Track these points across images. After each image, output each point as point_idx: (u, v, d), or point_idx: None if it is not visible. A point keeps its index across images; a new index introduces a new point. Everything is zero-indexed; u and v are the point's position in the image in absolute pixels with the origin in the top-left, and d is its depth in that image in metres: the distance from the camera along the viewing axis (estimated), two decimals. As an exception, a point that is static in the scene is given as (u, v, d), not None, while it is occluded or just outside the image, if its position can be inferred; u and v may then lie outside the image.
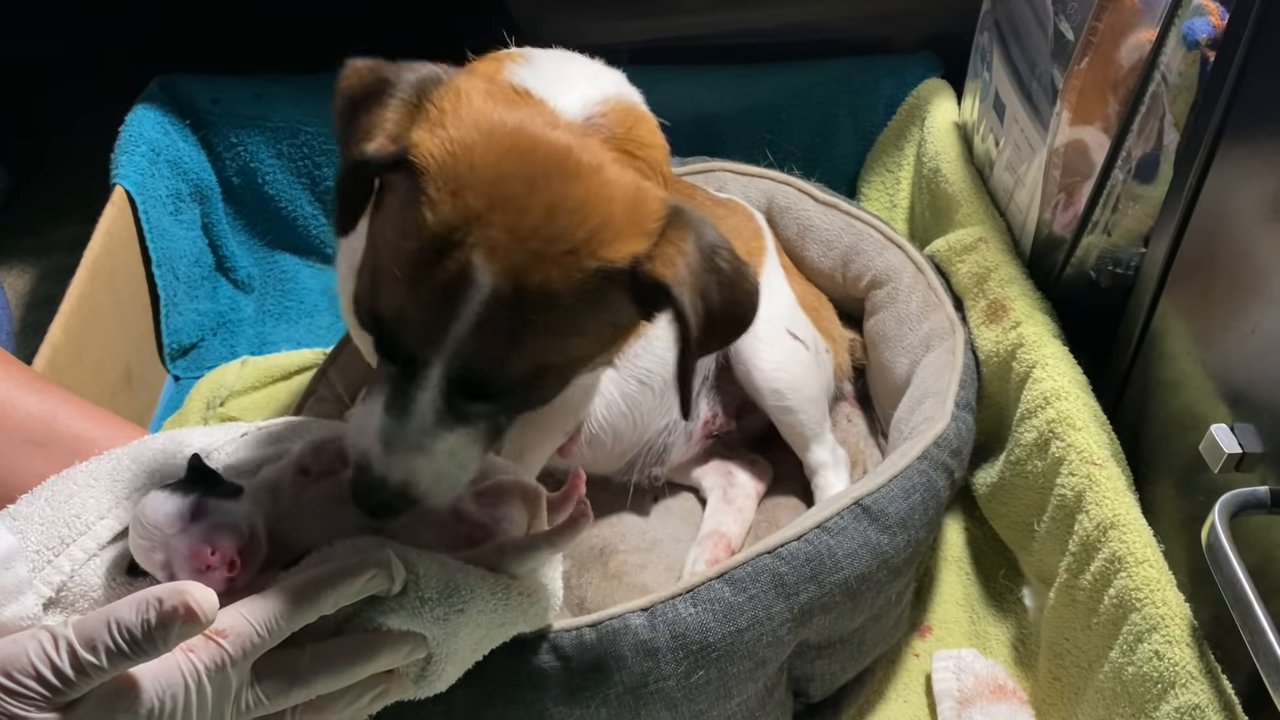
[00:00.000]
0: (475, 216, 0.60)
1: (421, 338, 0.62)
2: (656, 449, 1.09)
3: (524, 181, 0.60)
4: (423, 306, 0.61)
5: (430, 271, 0.60)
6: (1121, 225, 1.01)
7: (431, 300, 0.61)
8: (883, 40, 1.51)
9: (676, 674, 0.80)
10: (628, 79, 0.78)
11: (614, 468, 1.10)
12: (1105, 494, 0.87)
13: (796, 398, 1.07)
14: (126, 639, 0.52)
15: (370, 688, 0.65)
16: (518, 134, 0.62)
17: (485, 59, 0.74)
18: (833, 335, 1.17)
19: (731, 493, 1.11)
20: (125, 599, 0.53)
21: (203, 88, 1.41)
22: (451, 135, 0.61)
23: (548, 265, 0.60)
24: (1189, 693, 0.75)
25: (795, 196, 1.27)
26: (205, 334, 1.37)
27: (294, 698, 0.60)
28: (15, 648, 0.51)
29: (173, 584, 0.53)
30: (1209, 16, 0.88)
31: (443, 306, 0.61)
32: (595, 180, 0.62)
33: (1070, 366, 1.00)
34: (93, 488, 0.69)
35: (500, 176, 0.60)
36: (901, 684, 0.99)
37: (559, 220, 0.60)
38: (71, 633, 0.52)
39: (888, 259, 1.19)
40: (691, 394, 0.67)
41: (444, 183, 0.60)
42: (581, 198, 0.61)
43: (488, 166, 0.60)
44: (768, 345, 1.07)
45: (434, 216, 0.60)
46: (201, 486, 0.64)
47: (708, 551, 1.04)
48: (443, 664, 0.68)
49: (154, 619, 0.52)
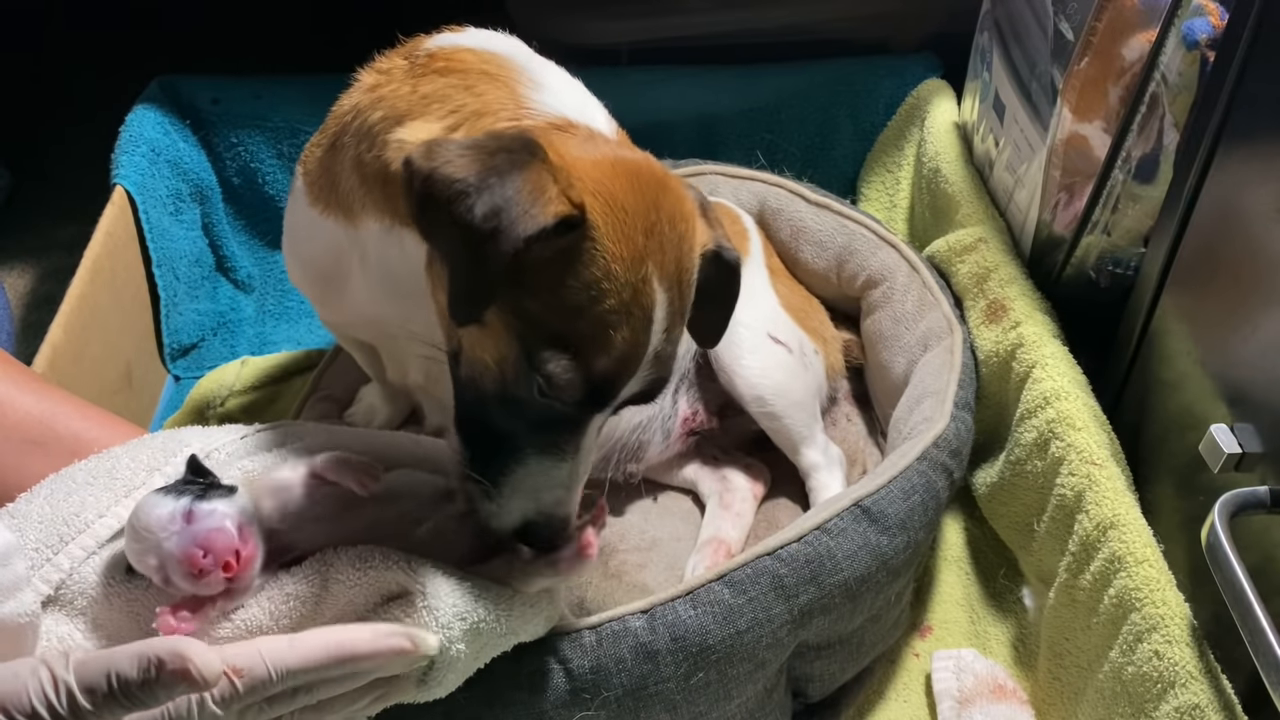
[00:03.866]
0: (646, 251, 0.65)
1: (631, 373, 0.67)
2: (630, 445, 1.09)
3: (652, 206, 0.66)
4: (635, 346, 0.66)
5: (630, 313, 0.65)
6: (1121, 225, 1.01)
7: (638, 339, 0.66)
8: (883, 40, 1.52)
9: (676, 676, 0.79)
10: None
11: None
12: (1105, 494, 0.87)
13: (781, 403, 1.06)
14: (124, 691, 0.52)
15: (371, 690, 0.65)
16: (622, 166, 0.67)
17: (479, 80, 0.75)
18: (823, 336, 1.17)
19: (728, 498, 1.10)
20: (127, 649, 0.53)
21: (203, 88, 1.40)
22: (591, 187, 0.64)
23: (687, 268, 0.69)
24: (1189, 693, 0.75)
25: (787, 198, 1.27)
26: (205, 334, 1.37)
27: (296, 702, 0.60)
28: (16, 684, 0.52)
29: (174, 643, 0.53)
30: (1209, 16, 0.88)
31: (639, 339, 0.66)
32: (672, 185, 0.69)
33: (1070, 366, 1.00)
34: (91, 486, 0.69)
35: (641, 209, 0.65)
36: (901, 684, 0.99)
37: (677, 227, 0.68)
38: (72, 678, 0.52)
39: (882, 258, 1.19)
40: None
41: (614, 231, 0.64)
42: (675, 202, 0.68)
43: (631, 204, 0.65)
44: (749, 351, 1.06)
45: (620, 265, 0.64)
46: (196, 488, 0.64)
47: (707, 558, 1.03)
48: (445, 671, 0.68)
49: (154, 677, 0.52)
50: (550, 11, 1.43)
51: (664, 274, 0.66)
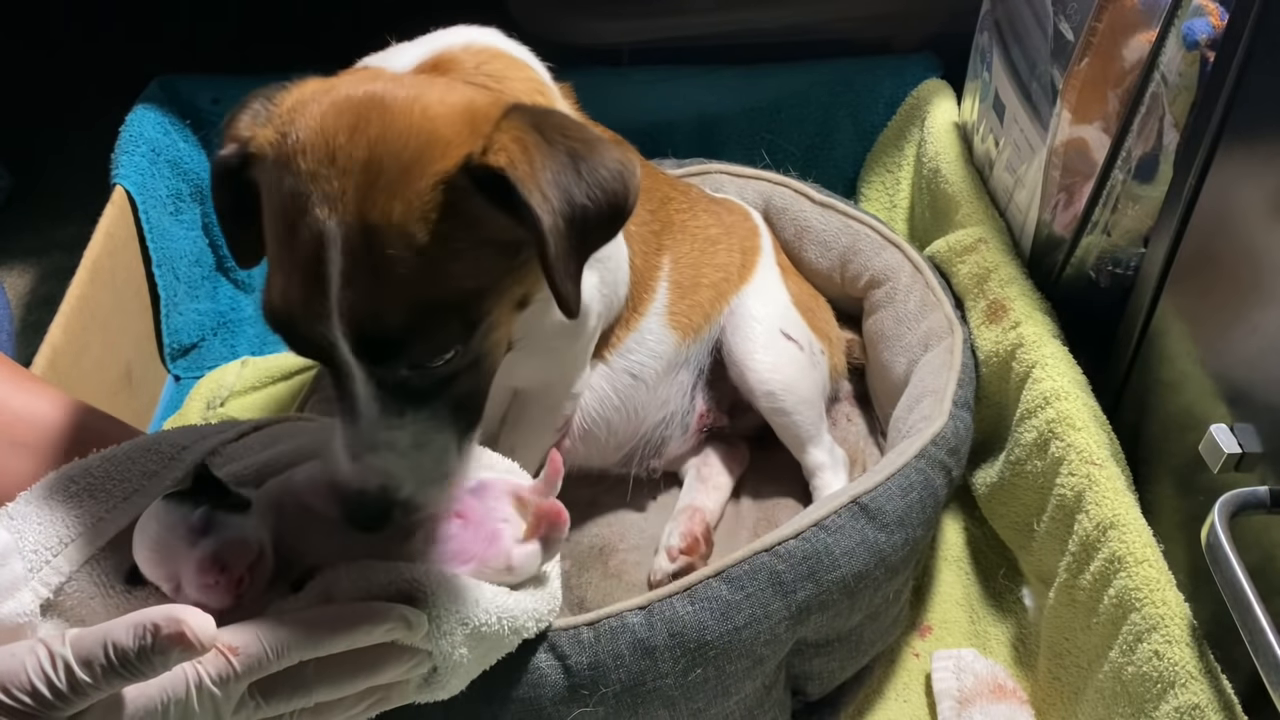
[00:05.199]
0: (311, 176, 0.61)
1: (310, 313, 0.62)
2: (654, 442, 1.09)
3: (345, 132, 0.62)
4: (300, 282, 0.62)
5: (294, 246, 0.62)
6: (1121, 225, 1.01)
7: (303, 272, 0.62)
8: (883, 40, 1.52)
9: (674, 672, 0.79)
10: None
11: (611, 461, 1.10)
12: (1105, 494, 0.87)
13: (791, 399, 1.06)
14: (122, 661, 0.52)
15: (372, 693, 0.65)
16: (333, 97, 0.65)
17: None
18: (829, 336, 1.17)
19: (705, 470, 1.11)
20: (122, 619, 0.53)
21: (203, 88, 1.40)
22: (282, 119, 0.65)
23: (384, 196, 0.61)
24: (1189, 693, 0.74)
25: (792, 198, 1.27)
26: (205, 334, 1.37)
27: (294, 704, 0.60)
28: (14, 662, 0.52)
29: (169, 609, 0.53)
30: (1209, 17, 0.88)
31: (314, 274, 0.61)
32: (414, 109, 0.63)
33: (1070, 366, 1.00)
34: (91, 488, 0.68)
35: (324, 135, 0.62)
36: (901, 683, 0.99)
37: (383, 152, 0.61)
38: (69, 651, 0.52)
39: (885, 259, 1.19)
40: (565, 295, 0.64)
41: (282, 161, 0.63)
42: (401, 127, 0.62)
43: (312, 132, 0.63)
44: (761, 347, 1.06)
45: (280, 193, 0.62)
46: (209, 498, 0.63)
47: (682, 525, 1.04)
48: (447, 676, 0.68)
49: (150, 644, 0.52)
50: (551, 11, 1.43)
51: (342, 203, 0.61)
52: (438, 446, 0.66)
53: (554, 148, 0.63)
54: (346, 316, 0.61)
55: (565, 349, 0.94)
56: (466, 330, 0.65)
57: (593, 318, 0.93)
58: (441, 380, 0.66)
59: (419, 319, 0.62)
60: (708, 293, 1.08)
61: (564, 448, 1.03)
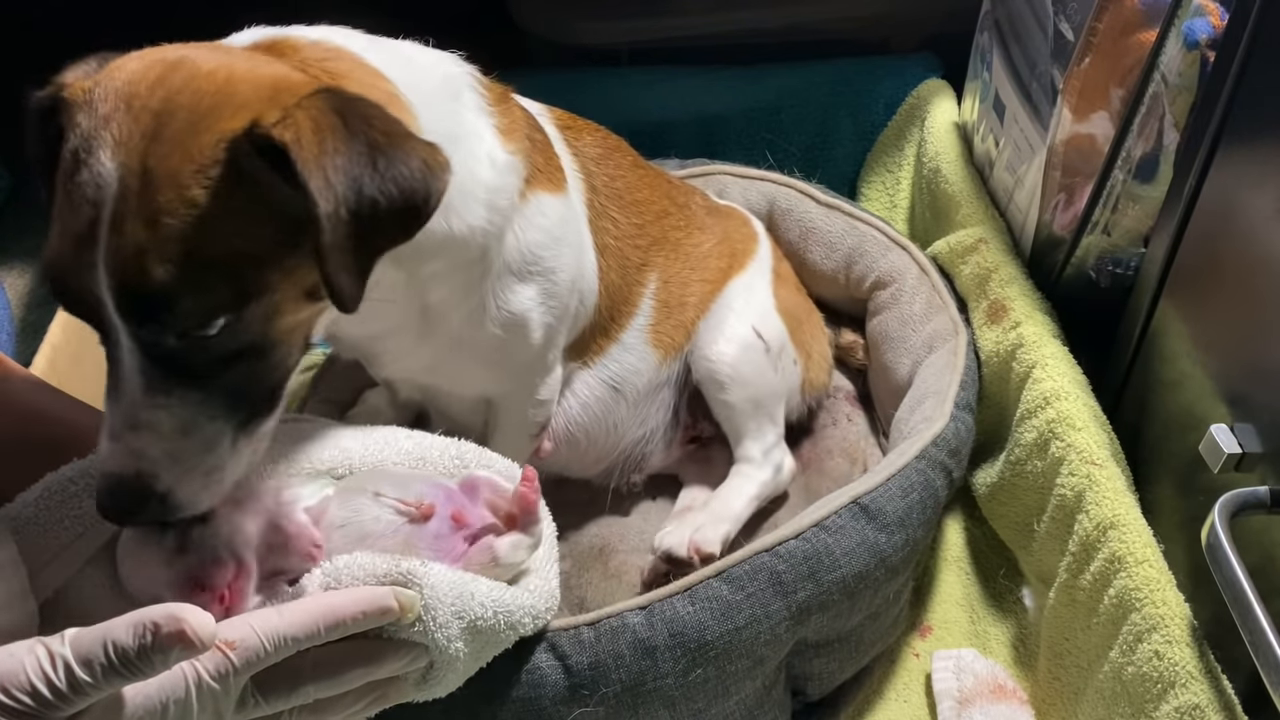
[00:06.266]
0: (105, 120, 0.61)
1: (79, 262, 0.60)
2: (635, 458, 1.09)
3: (149, 84, 0.62)
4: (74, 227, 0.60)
5: (73, 190, 0.60)
6: (1121, 225, 1.01)
7: (77, 215, 0.60)
8: (883, 40, 1.52)
9: (674, 672, 0.80)
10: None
11: (592, 472, 1.09)
12: (1105, 494, 0.87)
13: (737, 393, 1.04)
14: (122, 660, 0.52)
15: (370, 691, 0.65)
16: (151, 55, 0.64)
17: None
18: (809, 350, 1.14)
19: (705, 469, 1.11)
20: (122, 618, 0.53)
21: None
22: (102, 74, 0.64)
23: (167, 145, 0.60)
24: (1189, 693, 0.74)
25: (797, 199, 1.27)
26: (205, 334, 1.37)
27: (293, 701, 0.60)
28: (13, 662, 0.51)
29: (169, 608, 0.53)
30: (1209, 17, 0.88)
31: (88, 218, 0.59)
32: (219, 72, 0.63)
33: (1070, 366, 1.00)
34: (91, 488, 0.68)
35: (129, 85, 0.62)
36: (901, 683, 0.99)
37: (177, 105, 0.61)
38: (69, 651, 0.52)
39: (892, 260, 1.19)
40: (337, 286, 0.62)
41: (84, 105, 0.62)
42: (201, 85, 0.62)
43: (119, 82, 0.62)
44: (725, 337, 1.05)
45: (75, 137, 0.61)
46: (179, 521, 0.63)
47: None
48: (444, 671, 0.68)
49: (150, 643, 0.52)
50: (551, 12, 1.43)
51: (124, 146, 0.60)
52: (207, 435, 0.62)
53: (353, 136, 0.62)
54: (110, 265, 0.59)
55: (511, 360, 0.91)
56: (239, 300, 0.62)
57: (535, 330, 0.89)
58: (217, 359, 0.62)
59: (185, 274, 0.59)
60: (692, 312, 1.07)
61: (545, 450, 1.03)
